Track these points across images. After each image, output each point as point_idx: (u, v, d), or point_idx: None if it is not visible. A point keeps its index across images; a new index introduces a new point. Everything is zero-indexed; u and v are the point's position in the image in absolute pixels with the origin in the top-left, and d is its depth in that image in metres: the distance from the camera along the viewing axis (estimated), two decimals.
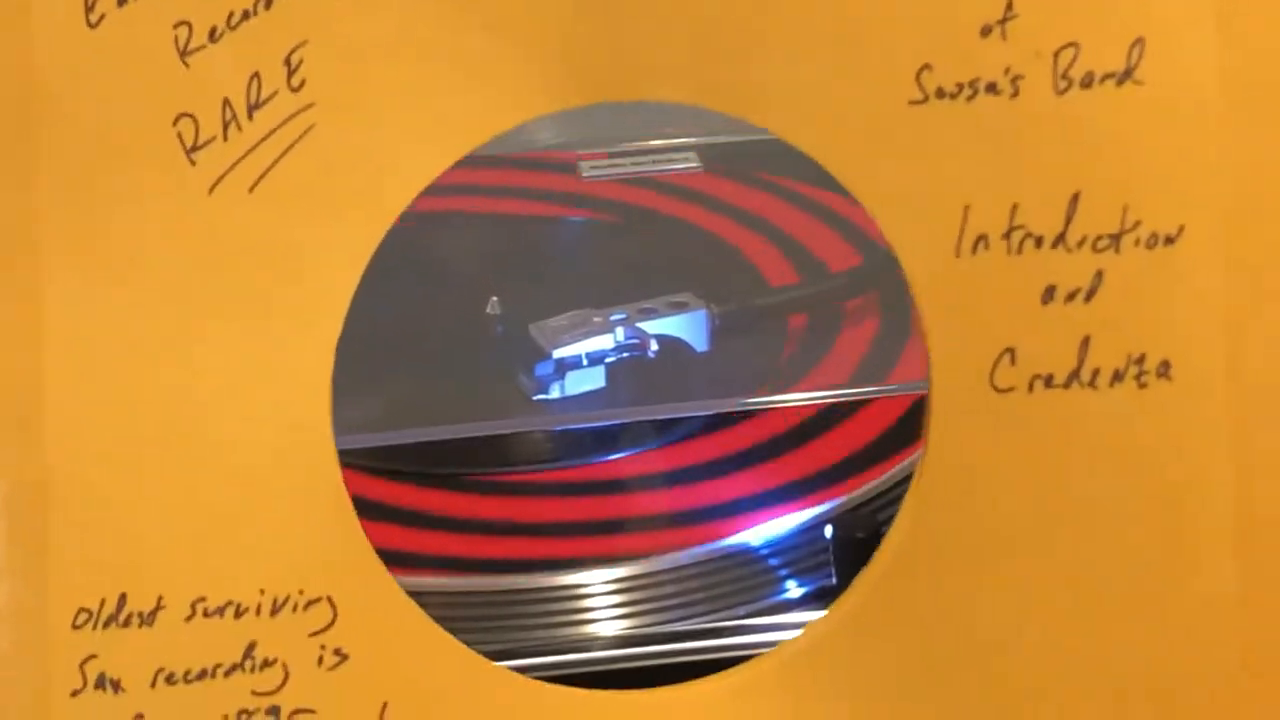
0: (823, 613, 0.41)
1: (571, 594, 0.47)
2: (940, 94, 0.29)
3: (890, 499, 0.50)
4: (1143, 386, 0.30)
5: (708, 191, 0.63)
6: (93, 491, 0.29)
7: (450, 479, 0.52)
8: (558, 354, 0.50)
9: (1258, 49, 0.29)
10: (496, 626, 0.47)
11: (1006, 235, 0.29)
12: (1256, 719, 0.31)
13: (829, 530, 0.47)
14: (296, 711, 0.30)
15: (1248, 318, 0.30)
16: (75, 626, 0.29)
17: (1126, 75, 0.28)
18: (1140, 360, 0.30)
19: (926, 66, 0.28)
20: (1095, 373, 0.30)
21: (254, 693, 0.30)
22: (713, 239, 0.60)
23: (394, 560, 0.45)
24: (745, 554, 0.47)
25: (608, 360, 0.50)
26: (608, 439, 0.51)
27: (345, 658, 0.30)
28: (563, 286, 0.54)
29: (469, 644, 0.34)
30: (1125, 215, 0.29)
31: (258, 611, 0.29)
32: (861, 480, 0.50)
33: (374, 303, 0.32)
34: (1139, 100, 0.29)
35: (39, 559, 0.29)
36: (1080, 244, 0.29)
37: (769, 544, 0.47)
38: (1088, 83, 0.29)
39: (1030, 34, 0.28)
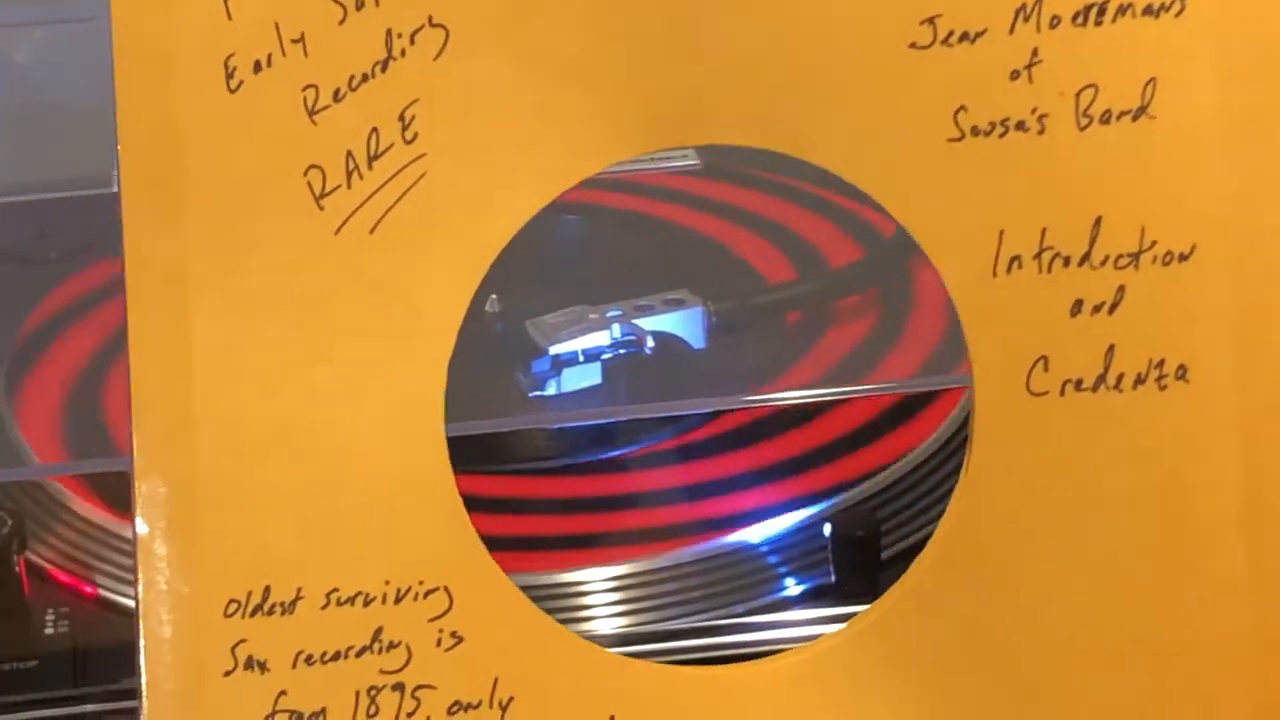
0: (821, 610, 0.45)
1: (570, 591, 0.47)
2: (975, 132, 0.31)
3: (888, 497, 0.50)
4: (1163, 389, 0.31)
5: (706, 191, 0.63)
6: (238, 496, 0.31)
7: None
8: (554, 350, 0.49)
9: (1252, 84, 0.31)
10: None
11: (1037, 256, 0.31)
12: (1265, 682, 0.32)
13: (828, 528, 0.46)
14: (419, 687, 0.32)
15: (1254, 325, 0.32)
16: (227, 615, 0.31)
17: (1141, 111, 0.30)
18: (1160, 365, 0.31)
19: (963, 108, 0.31)
20: (1120, 377, 0.31)
21: (381, 671, 0.31)
22: (710, 238, 0.60)
23: None
24: (744, 552, 0.47)
25: (604, 357, 0.50)
26: (604, 436, 0.51)
27: (461, 639, 0.32)
28: (560, 284, 0.53)
29: None
30: (1143, 236, 0.31)
31: (383, 600, 0.31)
32: (860, 477, 0.50)
33: None
34: (1152, 133, 0.31)
35: (192, 555, 0.31)
36: (1103, 262, 0.31)
37: (768, 542, 0.47)
38: (1106, 119, 0.31)
39: (1054, 77, 0.30)
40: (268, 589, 0.31)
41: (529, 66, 0.31)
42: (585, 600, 0.47)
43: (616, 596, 0.48)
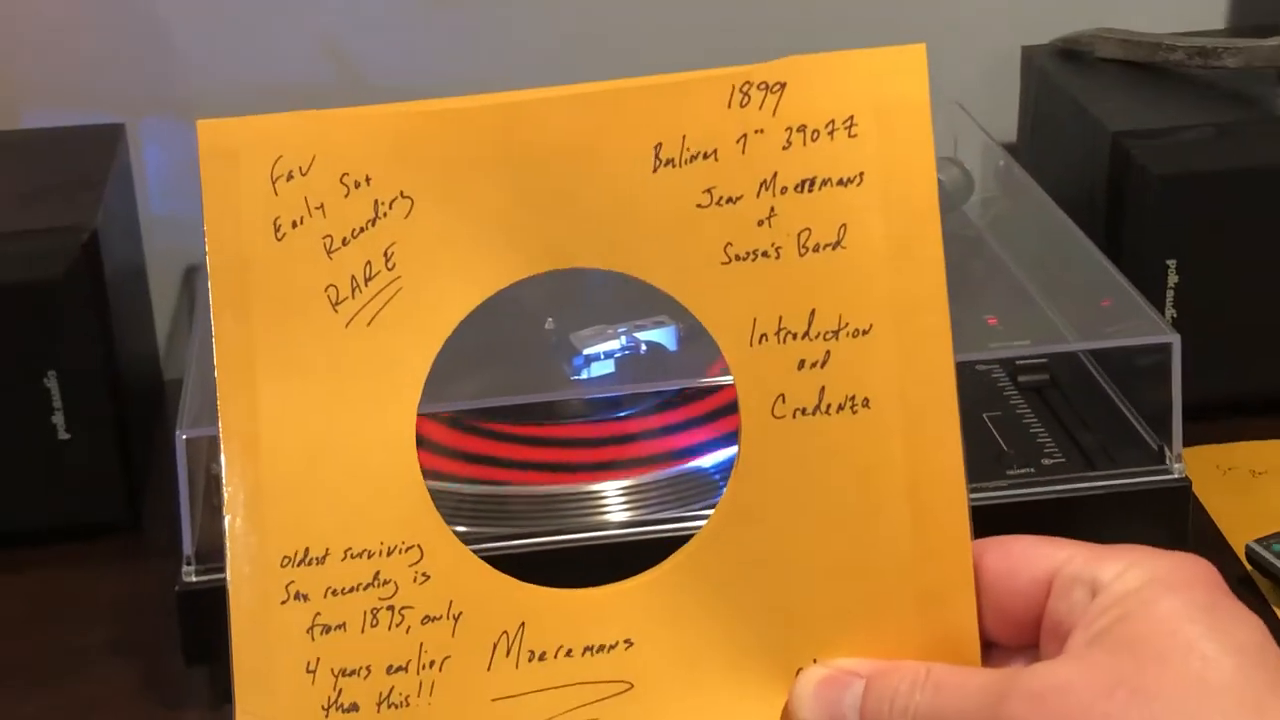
0: None
1: (592, 496, 0.62)
2: (737, 258, 0.39)
3: None
4: (854, 413, 0.39)
5: None
6: (286, 494, 0.39)
7: (517, 429, 0.66)
8: (586, 352, 0.66)
9: (903, 222, 0.38)
10: (546, 515, 0.61)
11: (777, 333, 0.39)
12: (921, 587, 0.39)
13: None
14: (403, 608, 0.39)
15: (912, 369, 0.38)
16: (281, 566, 0.39)
17: (838, 244, 0.39)
18: (853, 398, 0.39)
19: (729, 243, 0.39)
20: (829, 406, 0.39)
21: (379, 598, 0.39)
22: None
23: (494, 464, 0.62)
24: (699, 473, 0.63)
25: (616, 356, 0.67)
26: (615, 403, 0.66)
27: (429, 577, 0.39)
28: (590, 313, 0.69)
29: (527, 531, 0.48)
30: (840, 320, 0.39)
31: (380, 554, 0.39)
32: None
33: (486, 323, 0.42)
34: (845, 257, 0.38)
35: (260, 530, 0.39)
36: (817, 336, 0.39)
37: (714, 467, 0.63)
38: (817, 249, 0.38)
39: (785, 224, 0.38)
40: (307, 549, 0.39)
41: (463, 218, 0.39)
42: (602, 503, 0.62)
43: (622, 500, 0.62)
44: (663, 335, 0.68)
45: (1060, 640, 0.36)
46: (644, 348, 0.67)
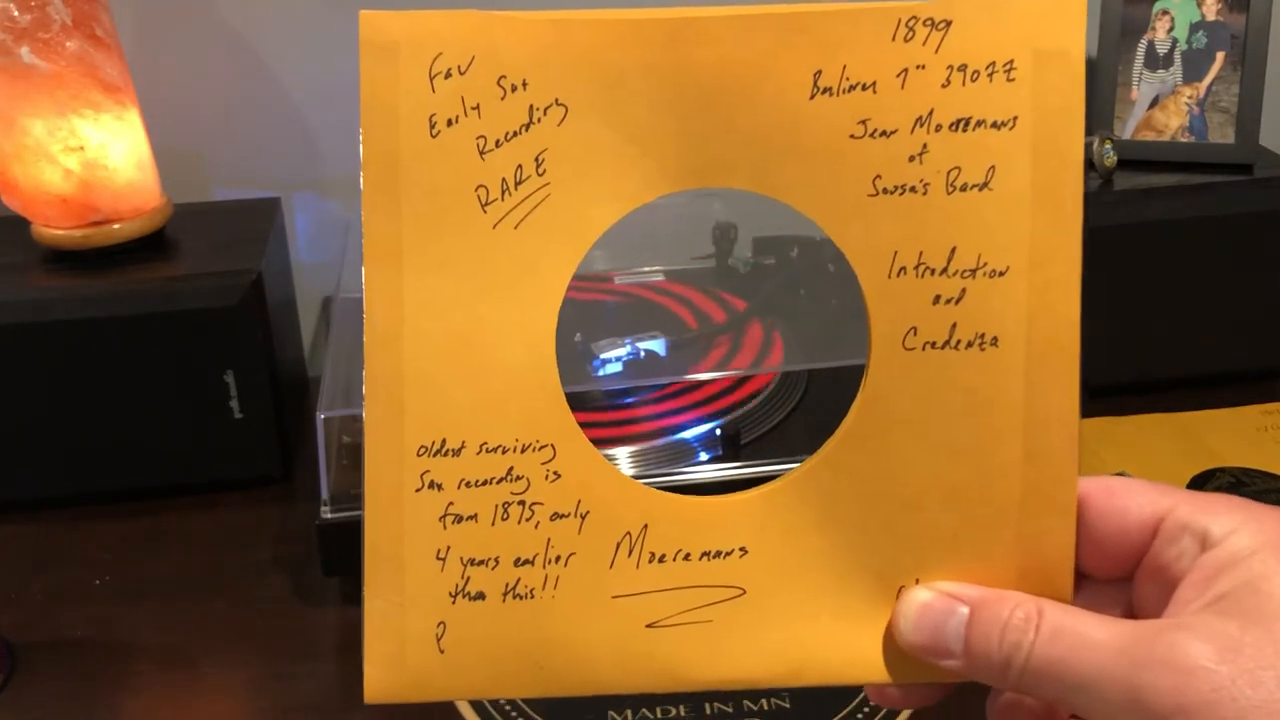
0: (719, 467, 0.62)
1: (610, 458, 0.64)
2: (885, 191, 0.35)
3: (742, 417, 0.71)
4: (983, 350, 0.35)
5: (668, 288, 0.84)
6: (426, 383, 0.35)
7: None
8: (602, 356, 0.73)
9: (1049, 172, 0.34)
10: None
11: (916, 267, 0.35)
12: (1026, 520, 0.36)
13: (718, 431, 0.71)
14: (534, 504, 0.36)
15: (1039, 312, 0.35)
16: (418, 455, 0.35)
17: (985, 185, 0.34)
18: (982, 336, 0.35)
19: (878, 176, 0.35)
20: (959, 342, 0.35)
21: (511, 493, 0.35)
22: (668, 308, 0.82)
23: None
24: (683, 442, 0.71)
25: (624, 359, 0.74)
26: (624, 392, 0.74)
27: (559, 476, 0.36)
28: (606, 329, 0.76)
29: None
30: (979, 259, 0.35)
31: (514, 450, 0.35)
32: (729, 406, 0.73)
33: None
34: (990, 199, 0.34)
35: (398, 418, 0.35)
36: (954, 274, 0.35)
37: (694, 439, 0.71)
38: (964, 188, 0.34)
39: (935, 162, 0.34)
40: (444, 440, 0.35)
41: (615, 130, 0.34)
42: (616, 463, 0.66)
43: (630, 461, 0.70)
44: (657, 345, 0.76)
45: (1163, 586, 0.34)
46: (643, 354, 0.74)
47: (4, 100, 0.74)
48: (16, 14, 0.72)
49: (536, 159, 0.34)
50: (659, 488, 0.36)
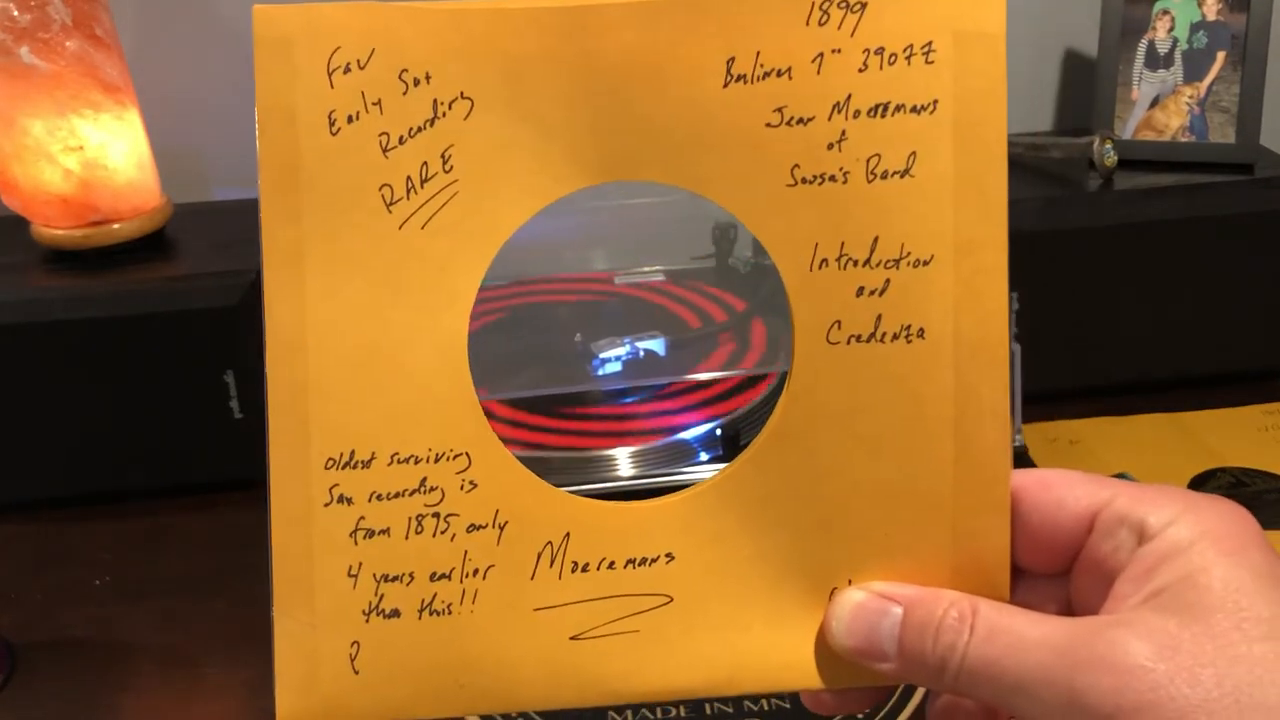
0: (717, 466, 0.56)
1: (605, 459, 0.70)
2: (804, 181, 0.34)
3: (741, 417, 0.72)
4: (909, 342, 0.34)
5: (669, 290, 0.85)
6: (333, 394, 0.33)
7: (555, 410, 0.73)
8: (602, 356, 0.74)
9: (972, 156, 0.33)
10: (576, 471, 0.69)
11: (838, 259, 0.34)
12: (958, 515, 0.35)
13: (718, 432, 0.71)
14: (449, 515, 0.34)
15: (965, 302, 0.34)
16: (326, 468, 0.34)
17: (906, 172, 0.34)
18: (908, 328, 0.34)
19: (796, 165, 0.34)
20: (884, 334, 0.34)
21: (425, 505, 0.34)
22: (667, 308, 0.83)
23: (539, 432, 0.67)
24: (682, 442, 0.71)
25: (623, 359, 0.74)
26: (622, 392, 0.74)
27: (476, 485, 0.34)
28: (607, 328, 0.76)
29: (555, 482, 0.37)
30: (902, 249, 0.34)
31: (427, 460, 0.34)
32: (733, 411, 0.73)
33: (534, 335, 0.46)
34: (912, 186, 0.33)
35: (304, 430, 0.34)
36: (878, 265, 0.34)
37: (694, 439, 0.71)
38: (885, 176, 0.33)
39: (854, 149, 0.33)
40: (353, 451, 0.34)
41: (524, 123, 0.33)
42: (615, 462, 0.69)
43: (629, 460, 0.70)
44: (656, 345, 0.76)
45: (1101, 580, 0.33)
46: (642, 354, 0.75)
47: (4, 100, 0.74)
48: (16, 14, 0.73)
49: (443, 155, 0.33)
50: (659, 488, 0.36)
